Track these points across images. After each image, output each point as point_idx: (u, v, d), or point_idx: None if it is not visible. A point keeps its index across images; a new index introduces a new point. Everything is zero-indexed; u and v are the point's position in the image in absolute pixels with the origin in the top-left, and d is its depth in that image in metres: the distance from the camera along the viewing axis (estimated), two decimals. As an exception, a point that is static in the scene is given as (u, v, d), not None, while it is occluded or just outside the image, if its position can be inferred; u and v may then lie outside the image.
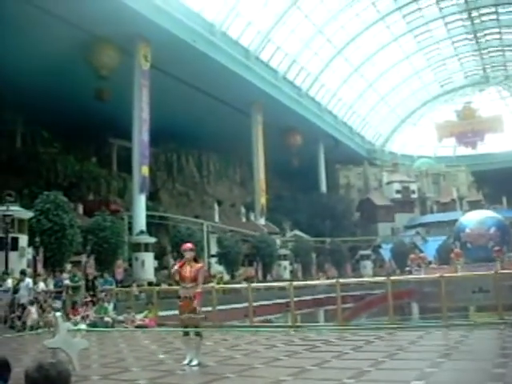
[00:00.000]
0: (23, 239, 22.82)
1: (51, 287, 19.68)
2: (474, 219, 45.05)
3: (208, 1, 40.11)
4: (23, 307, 16.49)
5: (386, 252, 56.91)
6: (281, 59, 51.73)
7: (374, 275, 46.61)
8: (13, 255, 21.50)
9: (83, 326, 14.42)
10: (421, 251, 50.53)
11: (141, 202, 35.90)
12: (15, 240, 22.02)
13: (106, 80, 36.29)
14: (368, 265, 55.14)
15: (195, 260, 9.05)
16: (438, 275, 14.85)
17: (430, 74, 75.29)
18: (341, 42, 56.68)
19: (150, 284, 28.89)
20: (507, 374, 6.61)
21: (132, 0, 32.38)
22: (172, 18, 36.13)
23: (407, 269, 45.21)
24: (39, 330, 15.77)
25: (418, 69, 71.30)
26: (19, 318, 16.23)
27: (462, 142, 77.30)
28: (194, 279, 8.76)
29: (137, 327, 15.96)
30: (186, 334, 8.86)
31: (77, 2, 30.25)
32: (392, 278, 15.15)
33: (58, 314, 9.10)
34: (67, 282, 19.85)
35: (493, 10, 60.23)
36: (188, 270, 8.80)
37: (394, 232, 66.88)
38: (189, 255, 8.92)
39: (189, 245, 9.24)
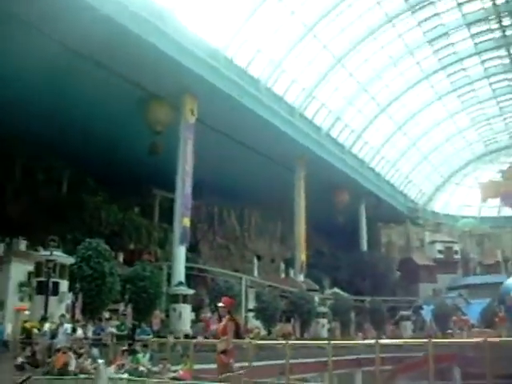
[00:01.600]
0: (64, 284, 23.10)
1: (89, 334, 19.74)
2: (519, 283, 43.80)
3: (254, 58, 40.93)
4: (62, 352, 16.53)
5: (427, 313, 55.49)
6: (325, 116, 52.17)
7: (414, 337, 45.41)
8: (52, 300, 21.74)
9: (125, 375, 14.33)
10: (463, 314, 49.16)
11: (181, 253, 36.03)
12: (56, 285, 22.31)
13: (160, 135, 37.29)
14: (408, 326, 53.75)
15: (230, 314, 9.02)
16: (482, 339, 14.37)
17: (474, 134, 74.73)
18: (385, 100, 57.01)
19: (186, 336, 28.69)
20: None
21: (181, 55, 33.38)
22: (219, 73, 37.01)
23: (449, 331, 43.99)
24: (74, 376, 15.73)
25: (461, 128, 70.90)
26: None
27: (507, 203, 75.86)
28: (223, 334, 8.77)
29: (171, 379, 15.77)
30: None
31: (131, 59, 31.24)
32: (433, 340, 14.71)
33: (101, 361, 9.13)
34: (113, 329, 19.90)
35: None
36: (221, 325, 8.80)
37: (435, 293, 65.27)
38: (220, 310, 9.00)
39: (223, 300, 9.30)
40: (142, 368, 16.29)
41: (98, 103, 34.65)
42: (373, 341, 15.58)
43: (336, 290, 54.38)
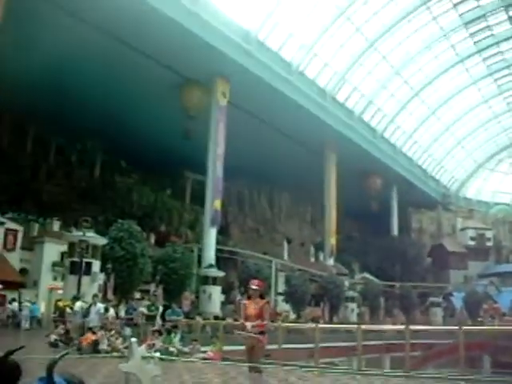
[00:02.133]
0: (96, 265, 23.49)
1: (122, 314, 20.04)
2: (553, 271, 43.19)
3: (286, 41, 40.69)
4: (92, 331, 16.84)
5: (457, 300, 55.02)
6: (357, 100, 51.70)
7: (445, 324, 45.12)
8: (85, 279, 22.15)
9: (157, 354, 14.54)
10: (495, 302, 48.63)
11: (211, 235, 36.27)
12: (88, 265, 22.71)
13: (194, 119, 37.47)
14: (438, 312, 53.37)
15: (261, 297, 8.81)
16: (513, 327, 14.23)
17: (510, 119, 73.25)
18: (418, 84, 56.20)
19: (215, 318, 28.95)
20: None
21: (213, 38, 33.37)
22: (251, 56, 36.93)
23: (480, 319, 43.59)
24: (106, 355, 16.02)
25: (497, 113, 69.56)
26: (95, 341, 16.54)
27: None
28: (259, 316, 8.52)
29: (201, 359, 15.96)
30: (251, 370, 8.67)
31: (164, 42, 31.37)
32: (464, 327, 14.61)
33: (134, 339, 9.21)
34: (143, 309, 20.18)
35: None
36: (253, 307, 8.51)
37: (466, 280, 64.66)
38: (253, 292, 8.71)
39: (254, 281, 9.04)
40: (172, 348, 16.52)
41: (132, 87, 35.04)
42: (403, 326, 15.53)
43: (366, 274, 54.28)
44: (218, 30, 33.67)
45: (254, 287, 8.65)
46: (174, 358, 15.42)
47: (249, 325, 8.40)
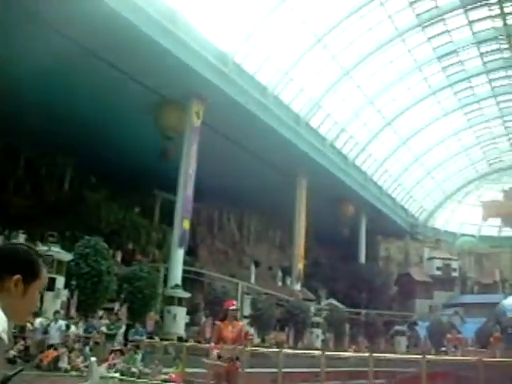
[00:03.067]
0: (60, 281, 23.07)
1: (81, 331, 19.69)
2: (516, 304, 43.72)
3: (263, 64, 41.00)
4: (54, 348, 16.50)
5: (421, 330, 55.25)
6: (330, 127, 52.18)
7: (408, 352, 45.21)
8: (48, 295, 21.70)
9: (116, 374, 14.29)
10: (458, 332, 49.00)
11: (179, 255, 35.96)
12: (52, 280, 22.26)
13: (171, 140, 37.43)
14: (402, 341, 53.53)
15: (236, 319, 8.50)
16: (476, 358, 14.30)
17: (478, 152, 74.69)
18: (391, 113, 57.02)
19: (179, 339, 28.61)
20: None
21: (189, 57, 33.43)
22: (227, 78, 37.06)
23: (443, 349, 43.84)
24: (65, 373, 15.68)
25: (466, 146, 70.89)
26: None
27: (508, 224, 75.81)
28: (236, 340, 8.12)
29: (162, 381, 15.72)
30: None
31: (139, 59, 31.30)
32: (427, 356, 14.64)
33: (93, 359, 9.03)
34: (103, 328, 19.86)
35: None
36: (230, 330, 8.10)
37: (431, 310, 65.09)
38: (234, 314, 8.29)
39: (232, 302, 8.70)
40: (134, 369, 16.26)
41: (106, 103, 34.77)
42: (367, 354, 15.50)
43: (332, 301, 54.29)
44: (195, 50, 33.72)
45: (234, 308, 8.28)
46: (134, 378, 15.17)
47: (215, 352, 8.00)
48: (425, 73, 54.09)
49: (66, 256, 23.79)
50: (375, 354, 15.09)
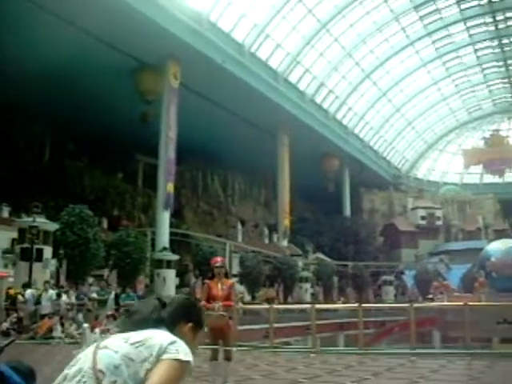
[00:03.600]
0: (48, 251, 23.05)
1: (73, 300, 19.82)
2: (499, 248, 44.37)
3: (238, 22, 40.46)
4: (48, 317, 16.61)
5: (408, 278, 56.23)
6: (309, 82, 51.89)
7: (396, 301, 46.09)
8: (37, 266, 21.71)
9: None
10: (444, 279, 49.86)
11: (164, 218, 36.05)
12: (40, 251, 22.25)
13: (151, 104, 37.15)
14: (390, 291, 54.50)
15: (226, 276, 8.20)
16: (462, 303, 14.64)
17: (458, 101, 74.92)
18: (369, 66, 56.77)
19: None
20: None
21: (164, 20, 32.88)
22: (202, 38, 36.59)
23: (430, 296, 44.68)
24: (59, 341, 15.82)
25: (446, 95, 71.02)
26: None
27: (490, 170, 76.64)
28: (226, 298, 7.97)
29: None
30: (214, 358, 7.93)
31: (109, 19, 30.67)
32: (415, 304, 14.95)
33: (86, 325, 9.09)
34: (94, 295, 20.00)
35: (524, 38, 60.08)
36: (220, 288, 7.93)
37: (417, 258, 66.06)
38: (218, 271, 8.16)
39: (217, 259, 8.50)
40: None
41: (83, 70, 34.12)
42: (356, 305, 15.80)
43: (319, 255, 54.86)
44: (168, 10, 33.17)
45: (219, 264, 8.10)
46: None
47: (216, 305, 7.85)
48: (402, 23, 53.68)
49: (52, 226, 23.72)
50: (364, 305, 15.38)
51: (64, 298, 18.94)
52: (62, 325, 16.87)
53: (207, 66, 37.34)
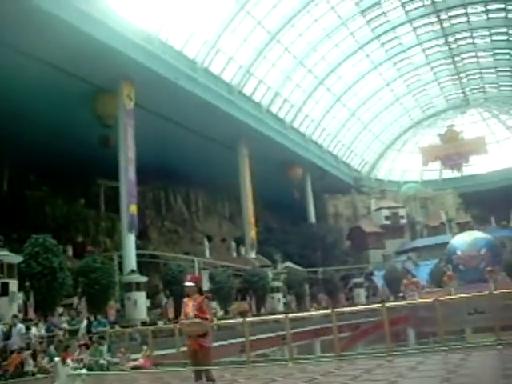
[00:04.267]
0: (13, 284, 22.52)
1: (43, 332, 19.41)
2: (464, 241, 45.25)
3: (189, 39, 40.51)
4: (17, 352, 16.23)
5: (378, 279, 56.77)
6: (263, 93, 52.18)
7: (368, 303, 46.39)
8: (3, 301, 21.20)
9: (83, 371, 14.17)
10: (413, 276, 50.46)
11: (130, 241, 35.65)
12: (5, 285, 21.72)
13: (110, 127, 36.89)
14: (361, 293, 54.89)
15: (200, 293, 8.22)
16: (432, 299, 14.79)
17: (411, 100, 76.33)
18: (322, 72, 57.41)
19: (143, 324, 28.54)
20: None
21: (115, 41, 32.64)
22: (154, 57, 36.46)
23: (401, 294, 45.13)
24: (33, 376, 15.48)
25: (399, 95, 72.27)
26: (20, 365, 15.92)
27: (447, 165, 78.09)
28: (199, 315, 7.87)
29: (132, 369, 15.71)
30: (198, 378, 7.98)
31: (58, 44, 30.32)
32: (386, 304, 15.06)
33: (57, 358, 8.90)
34: (65, 325, 19.63)
35: (468, 34, 61.54)
36: (191, 304, 8.01)
37: (385, 258, 66.75)
38: (188, 289, 8.18)
39: (189, 277, 8.50)
40: (102, 361, 16.19)
41: (36, 97, 33.55)
42: (329, 310, 15.84)
43: (288, 263, 54.91)
44: (117, 31, 32.93)
45: (187, 284, 8.15)
46: (104, 371, 15.11)
47: (189, 330, 7.87)
48: (350, 28, 54.49)
49: (16, 258, 23.21)
50: (337, 310, 15.42)
51: (34, 330, 18.54)
52: (35, 358, 16.51)
53: (161, 84, 37.22)
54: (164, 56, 37.54)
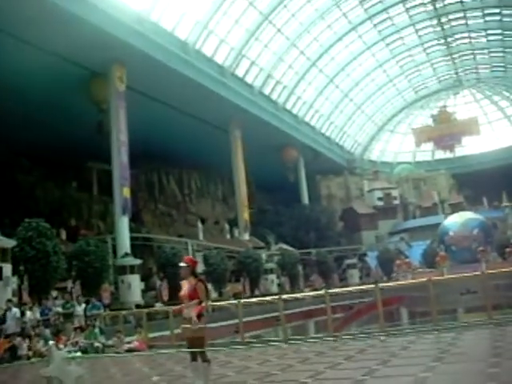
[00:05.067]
0: (7, 268, 22.50)
1: (37, 315, 19.45)
2: (456, 222, 45.56)
3: (180, 20, 40.18)
4: (4, 337, 16.26)
5: (371, 260, 57.11)
6: (256, 74, 51.95)
7: (362, 283, 46.70)
8: (-3, 285, 21.21)
9: (78, 353, 14.23)
10: (406, 257, 50.83)
11: (123, 224, 35.62)
12: (-1, 270, 21.73)
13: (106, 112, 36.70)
14: (355, 273, 55.23)
15: (195, 275, 8.15)
16: (425, 279, 14.90)
17: (404, 81, 76.18)
18: (314, 53, 57.18)
19: (137, 306, 28.62)
20: (502, 373, 6.64)
21: (105, 23, 32.29)
22: (145, 39, 36.12)
23: (394, 275, 45.46)
24: (28, 360, 15.54)
25: (392, 76, 72.12)
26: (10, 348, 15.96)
27: (440, 146, 78.24)
28: (192, 297, 7.84)
29: (127, 351, 15.78)
30: (194, 359, 8.00)
31: (50, 28, 30.06)
32: (380, 285, 15.17)
33: (52, 342, 8.92)
34: (59, 309, 19.66)
35: (461, 15, 61.32)
36: (185, 288, 7.98)
37: (378, 239, 67.11)
38: (182, 271, 8.19)
39: (186, 259, 8.47)
40: (97, 343, 16.25)
41: (28, 82, 33.23)
42: (322, 291, 15.93)
43: (282, 245, 55.12)
44: (108, 13, 32.52)
45: (181, 265, 8.13)
46: (99, 353, 15.18)
47: (185, 312, 7.89)
48: (343, 9, 54.17)
49: (9, 242, 23.15)
50: (330, 290, 15.51)
51: (28, 314, 18.58)
52: (30, 342, 16.56)
53: (153, 66, 36.97)
54: (155, 37, 37.22)
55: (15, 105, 34.28)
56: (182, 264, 8.15)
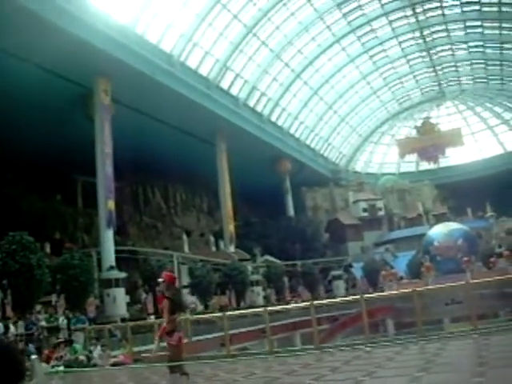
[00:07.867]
0: (-10, 283, 22.33)
1: (22, 330, 19.26)
2: (441, 232, 45.83)
3: (165, 33, 40.28)
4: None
5: (357, 271, 57.11)
6: (241, 86, 52.11)
7: (347, 295, 46.72)
8: (-20, 300, 21.00)
9: (60, 368, 14.08)
10: (391, 267, 50.95)
11: (108, 237, 35.45)
12: (-18, 284, 21.52)
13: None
14: (340, 285, 55.17)
15: (168, 290, 8.11)
16: (410, 290, 14.96)
17: (387, 93, 76.70)
18: (299, 65, 57.51)
19: (122, 320, 28.43)
20: (486, 382, 6.66)
21: (90, 36, 32.27)
22: (130, 51, 36.12)
23: (380, 286, 45.52)
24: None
25: (375, 88, 72.63)
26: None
27: (424, 157, 78.57)
28: (163, 313, 8.04)
29: (112, 365, 15.65)
30: (172, 371, 8.06)
31: (33, 39, 29.93)
32: (365, 296, 15.20)
33: (34, 357, 8.84)
34: (43, 323, 19.48)
35: (443, 27, 62.00)
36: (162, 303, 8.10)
37: (363, 250, 67.23)
38: (160, 286, 8.28)
39: (163, 274, 8.53)
40: (81, 357, 16.11)
41: (8, 92, 33.04)
42: (308, 303, 15.94)
43: (267, 257, 55.01)
44: (93, 26, 32.50)
45: (159, 280, 8.26)
46: (82, 368, 15.03)
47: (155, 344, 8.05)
48: (327, 21, 54.62)
49: (-8, 256, 23.01)
50: (316, 302, 15.53)
51: (12, 329, 18.40)
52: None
53: (138, 79, 36.97)
54: (140, 50, 37.24)
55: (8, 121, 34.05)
56: (159, 279, 8.29)
